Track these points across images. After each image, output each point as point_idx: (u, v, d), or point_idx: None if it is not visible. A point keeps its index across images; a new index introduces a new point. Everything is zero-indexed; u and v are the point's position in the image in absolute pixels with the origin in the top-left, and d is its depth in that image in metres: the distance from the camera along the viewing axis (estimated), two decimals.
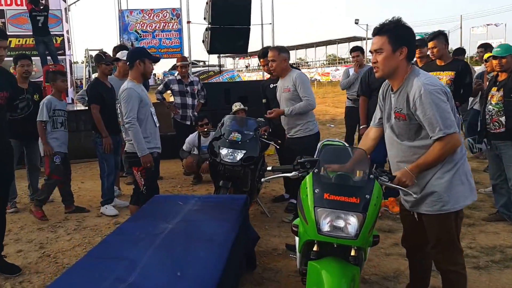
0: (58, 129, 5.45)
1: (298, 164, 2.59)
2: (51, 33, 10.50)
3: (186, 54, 9.45)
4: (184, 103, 7.38)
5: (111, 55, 6.21)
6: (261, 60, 5.67)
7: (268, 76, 6.85)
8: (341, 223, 2.23)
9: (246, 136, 4.47)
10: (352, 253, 2.28)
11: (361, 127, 5.06)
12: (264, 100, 5.77)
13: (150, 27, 9.10)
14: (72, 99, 11.63)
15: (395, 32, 2.52)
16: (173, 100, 7.56)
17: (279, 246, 4.33)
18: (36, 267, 4.12)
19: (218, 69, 12.34)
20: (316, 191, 2.29)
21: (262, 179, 2.69)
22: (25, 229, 5.16)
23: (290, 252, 3.30)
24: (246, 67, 56.89)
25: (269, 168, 2.74)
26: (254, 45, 9.35)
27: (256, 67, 51.44)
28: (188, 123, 7.43)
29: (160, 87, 7.51)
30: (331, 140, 4.04)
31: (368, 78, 5.32)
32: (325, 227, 2.24)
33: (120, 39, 8.91)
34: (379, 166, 2.65)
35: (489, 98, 4.79)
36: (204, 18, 8.77)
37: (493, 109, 4.69)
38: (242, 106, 6.90)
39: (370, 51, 2.64)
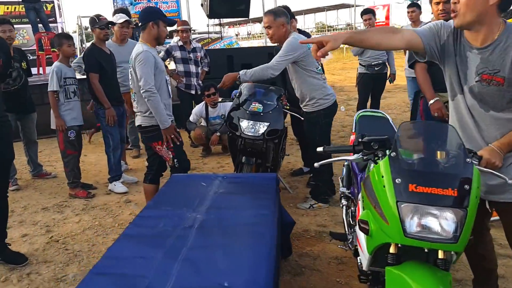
0: (71, 99, 4.75)
1: (359, 144, 2.03)
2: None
3: (184, 18, 8.66)
4: (188, 71, 6.71)
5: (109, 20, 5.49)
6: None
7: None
8: (433, 223, 1.69)
9: (269, 106, 3.87)
10: (441, 255, 1.76)
11: (430, 102, 3.63)
12: None
13: None
14: None
15: None
16: (174, 68, 6.90)
17: (310, 227, 3.82)
18: (43, 255, 3.57)
19: (220, 35, 11.47)
20: (397, 181, 1.73)
21: (316, 164, 2.13)
22: (29, 209, 4.59)
23: (338, 243, 2.80)
24: (249, 34, 52.81)
25: (320, 149, 2.16)
26: (255, 10, 8.54)
27: (259, 33, 48.43)
28: (193, 92, 6.79)
29: (161, 54, 6.78)
30: (368, 110, 3.48)
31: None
32: (413, 228, 1.69)
33: (114, 4, 8.08)
34: None
35: None
36: None
37: None
38: None
39: None
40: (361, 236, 2.07)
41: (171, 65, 6.97)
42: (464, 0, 1.90)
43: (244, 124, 3.75)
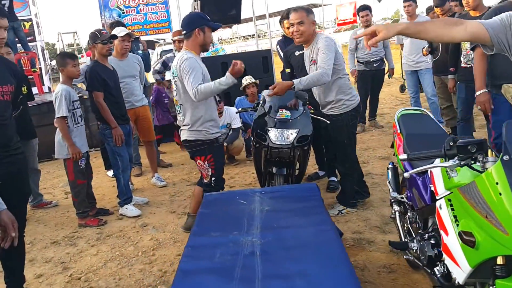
0: (79, 124, 4.39)
1: (452, 148, 1.82)
2: (18, 18, 9.17)
3: (174, 28, 8.37)
4: None
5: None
6: (285, 21, 4.77)
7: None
8: None
9: (296, 112, 3.65)
10: None
11: (477, 93, 3.49)
12: (288, 70, 4.93)
13: (133, 1, 7.90)
14: (49, 88, 10.38)
15: None
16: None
17: (346, 235, 3.59)
18: None
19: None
20: None
21: (406, 174, 1.92)
22: (36, 244, 4.23)
23: (402, 253, 2.59)
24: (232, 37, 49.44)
25: (403, 156, 1.94)
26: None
27: (246, 35, 47.00)
28: None
29: (157, 66, 6.52)
30: (407, 108, 3.29)
31: None
32: None
33: (101, 18, 7.75)
34: None
35: None
36: None
37: None
38: (253, 80, 6.06)
39: None
40: (456, 248, 1.86)
41: (167, 76, 6.69)
42: None
43: (273, 133, 3.52)
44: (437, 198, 2.17)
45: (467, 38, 1.90)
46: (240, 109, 4.08)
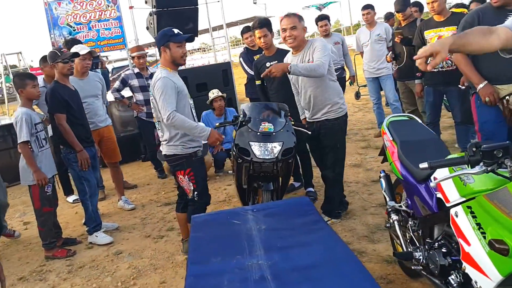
0: (44, 147, 4.09)
1: (476, 154, 1.75)
2: None
3: (130, 44, 8.07)
4: (148, 99, 6.13)
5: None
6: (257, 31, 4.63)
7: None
8: None
9: (279, 124, 3.53)
10: None
11: (480, 85, 3.31)
12: (258, 82, 4.81)
13: (84, 18, 7.52)
14: None
15: None
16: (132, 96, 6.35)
17: None
18: None
19: (155, 58, 10.87)
20: None
21: (432, 183, 1.84)
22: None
23: (409, 263, 2.51)
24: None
25: (424, 165, 1.85)
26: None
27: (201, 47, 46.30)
28: None
29: (116, 84, 6.21)
30: (394, 115, 3.25)
31: (479, 21, 3.29)
32: None
33: (51, 37, 7.30)
34: None
35: None
36: (146, 2, 7.45)
37: None
38: (219, 93, 5.91)
39: None
40: (481, 256, 1.79)
41: (127, 93, 6.41)
42: None
43: (256, 147, 3.37)
44: (449, 205, 2.11)
45: (502, 45, 1.92)
46: (217, 124, 3.90)
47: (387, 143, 2.96)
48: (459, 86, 4.80)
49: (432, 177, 2.37)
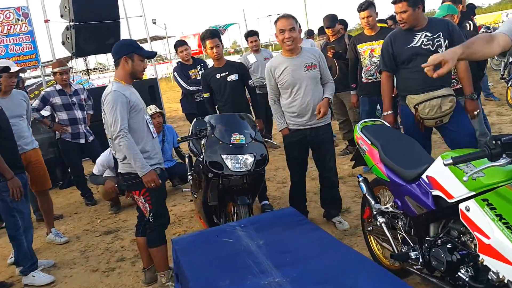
0: None
1: (496, 146, 1.80)
2: None
3: (43, 59, 7.36)
4: (73, 118, 5.68)
5: None
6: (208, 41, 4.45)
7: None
8: None
9: (249, 135, 3.40)
10: None
11: (384, 113, 3.86)
12: (207, 94, 4.64)
13: None
14: None
15: None
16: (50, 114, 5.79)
17: None
18: None
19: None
20: None
21: (465, 178, 1.84)
22: None
23: (406, 264, 2.51)
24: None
25: (448, 161, 1.86)
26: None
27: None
28: (82, 141, 5.80)
29: (35, 103, 5.60)
30: (366, 121, 3.28)
31: (392, 47, 3.69)
32: None
33: None
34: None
35: None
36: (62, 16, 6.89)
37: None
38: (157, 109, 5.61)
39: None
40: (506, 246, 1.83)
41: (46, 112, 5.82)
42: None
43: (229, 159, 3.21)
44: (453, 201, 2.15)
45: (501, 50, 2.09)
46: (179, 138, 3.65)
47: (364, 147, 2.98)
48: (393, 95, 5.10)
49: (424, 176, 2.42)
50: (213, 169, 3.23)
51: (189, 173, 4.30)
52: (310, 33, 8.26)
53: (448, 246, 2.28)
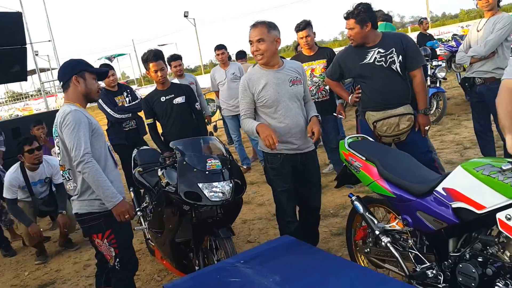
0: None
1: None
2: None
3: None
4: None
5: None
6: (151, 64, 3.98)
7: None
8: None
9: (224, 159, 3.01)
10: None
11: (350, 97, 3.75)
12: (150, 120, 4.16)
13: None
14: None
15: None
16: None
17: None
18: None
19: None
20: None
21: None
22: None
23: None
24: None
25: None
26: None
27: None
28: None
29: None
30: (351, 137, 3.08)
31: (344, 62, 3.74)
32: None
33: None
34: None
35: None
36: None
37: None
38: None
39: None
40: None
41: None
42: None
43: (209, 188, 2.79)
44: (484, 211, 2.03)
45: None
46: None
47: (357, 164, 2.80)
48: (334, 114, 5.08)
49: (440, 188, 2.29)
50: (190, 201, 2.79)
51: (137, 209, 3.76)
52: (241, 56, 8.03)
53: (479, 259, 2.15)
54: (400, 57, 3.45)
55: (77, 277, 4.15)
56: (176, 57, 6.75)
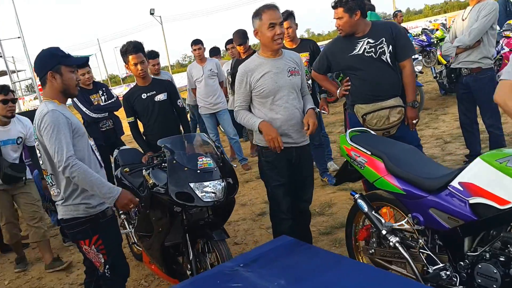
0: None
1: None
2: None
3: None
4: None
5: None
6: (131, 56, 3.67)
7: None
8: None
9: (215, 157, 2.77)
10: None
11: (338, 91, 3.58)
12: (131, 118, 3.86)
13: None
14: None
15: None
16: None
17: None
18: None
19: None
20: None
21: None
22: None
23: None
24: None
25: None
26: None
27: None
28: None
29: None
30: (353, 130, 2.88)
31: (331, 55, 3.56)
32: None
33: None
34: None
35: None
36: None
37: None
38: None
39: None
40: None
41: None
42: None
43: (202, 189, 2.55)
44: (508, 207, 1.89)
45: None
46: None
47: (361, 160, 2.62)
48: (318, 110, 4.92)
49: (455, 183, 2.14)
50: (182, 202, 2.54)
51: (120, 212, 3.47)
52: (215, 53, 7.77)
53: (500, 259, 2.00)
54: (390, 47, 3.29)
55: (60, 284, 3.87)
56: (154, 55, 6.42)
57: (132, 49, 3.60)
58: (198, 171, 2.61)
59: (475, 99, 4.22)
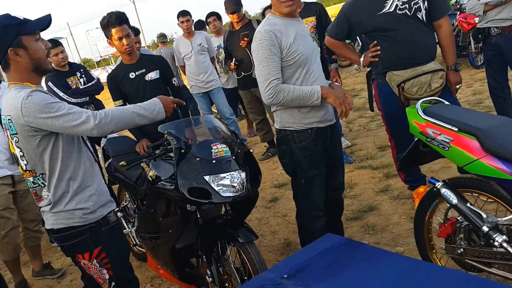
0: None
1: None
2: None
3: None
4: None
5: None
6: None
7: None
8: None
9: (232, 143, 2.31)
10: None
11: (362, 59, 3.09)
12: (118, 102, 3.36)
13: None
14: None
15: None
16: None
17: None
18: None
19: None
20: None
21: None
22: None
23: None
24: None
25: None
26: None
27: None
28: None
29: None
30: (425, 100, 2.36)
31: (354, 14, 3.04)
32: None
33: None
34: None
35: None
36: None
37: None
38: None
39: None
40: None
41: None
42: None
43: (217, 181, 2.11)
44: None
45: None
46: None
47: (444, 138, 2.07)
48: (329, 81, 4.45)
49: None
50: (196, 199, 2.09)
51: (117, 209, 3.01)
52: (199, 26, 7.15)
53: None
54: (426, 3, 2.81)
55: None
56: (135, 32, 5.85)
57: (114, 20, 3.05)
58: (214, 161, 2.14)
59: (507, 61, 3.83)
